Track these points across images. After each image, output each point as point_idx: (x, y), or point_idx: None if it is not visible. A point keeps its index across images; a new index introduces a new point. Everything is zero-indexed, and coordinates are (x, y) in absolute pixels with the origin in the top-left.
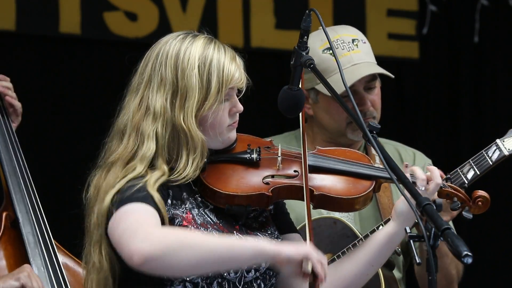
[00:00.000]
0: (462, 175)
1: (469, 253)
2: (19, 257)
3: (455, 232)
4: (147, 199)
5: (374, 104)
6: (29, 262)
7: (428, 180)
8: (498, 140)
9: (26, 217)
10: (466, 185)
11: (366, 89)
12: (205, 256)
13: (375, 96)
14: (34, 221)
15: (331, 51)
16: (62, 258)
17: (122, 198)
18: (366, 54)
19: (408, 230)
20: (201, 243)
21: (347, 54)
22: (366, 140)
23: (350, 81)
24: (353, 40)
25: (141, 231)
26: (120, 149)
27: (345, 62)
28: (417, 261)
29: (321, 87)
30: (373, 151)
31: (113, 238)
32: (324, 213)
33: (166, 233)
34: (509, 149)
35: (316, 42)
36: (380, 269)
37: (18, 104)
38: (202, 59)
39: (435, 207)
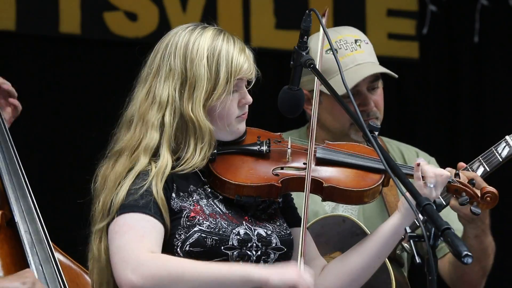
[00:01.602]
0: None
1: (469, 253)
2: (15, 256)
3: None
4: (148, 207)
5: (377, 105)
6: (26, 261)
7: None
8: (507, 137)
9: (23, 216)
10: (474, 181)
11: (369, 90)
12: None
13: (378, 96)
14: (31, 220)
15: (334, 51)
16: (57, 256)
17: (124, 204)
18: (369, 54)
19: (408, 230)
20: (191, 275)
21: (350, 55)
22: (366, 140)
23: (354, 81)
24: (355, 41)
25: (133, 258)
26: (126, 138)
27: (349, 62)
28: (417, 261)
29: (324, 88)
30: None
31: (109, 245)
32: (328, 211)
33: (157, 265)
34: None
35: (319, 42)
36: (392, 272)
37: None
38: (211, 49)
39: (435, 207)
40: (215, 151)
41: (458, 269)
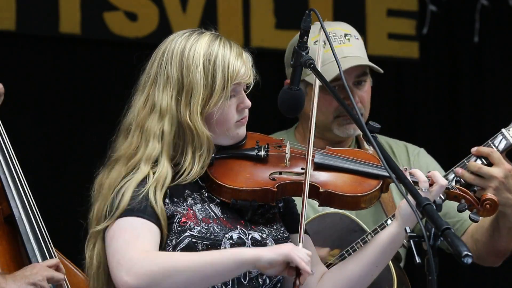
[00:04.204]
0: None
1: (469, 253)
2: (13, 253)
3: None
4: (143, 211)
5: (363, 101)
6: (28, 258)
7: (432, 183)
8: (503, 130)
9: (24, 213)
10: (475, 188)
11: (355, 84)
12: (190, 279)
13: (364, 92)
14: (31, 217)
15: (322, 43)
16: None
17: (122, 208)
18: (358, 49)
19: (408, 230)
20: (184, 266)
21: (338, 47)
22: (366, 140)
23: (335, 72)
24: (345, 35)
25: (127, 259)
26: (124, 147)
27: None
28: (417, 261)
29: (310, 78)
30: (367, 146)
31: (106, 250)
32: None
33: (148, 262)
34: None
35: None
36: (393, 267)
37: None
38: (207, 55)
39: (435, 207)
40: (213, 155)
41: (487, 243)
